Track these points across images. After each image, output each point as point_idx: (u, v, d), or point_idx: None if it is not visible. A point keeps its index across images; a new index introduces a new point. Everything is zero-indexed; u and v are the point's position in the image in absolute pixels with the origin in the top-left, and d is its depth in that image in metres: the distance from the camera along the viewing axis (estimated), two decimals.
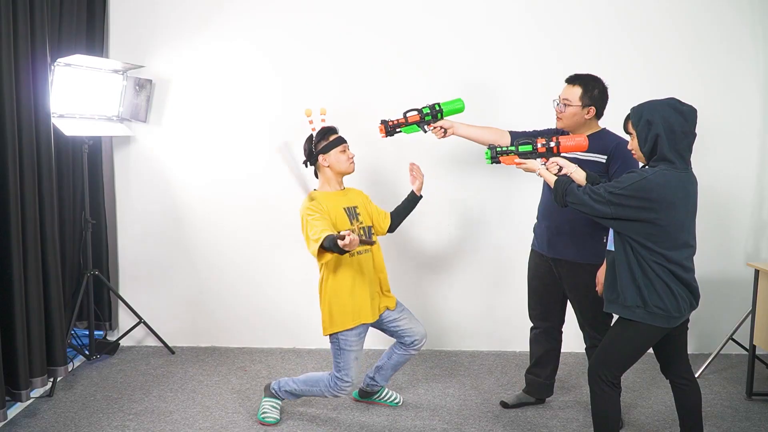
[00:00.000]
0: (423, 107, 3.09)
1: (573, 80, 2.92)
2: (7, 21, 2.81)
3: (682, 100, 2.40)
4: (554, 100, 2.96)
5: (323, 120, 3.06)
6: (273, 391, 3.11)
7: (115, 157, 4.04)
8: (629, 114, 2.47)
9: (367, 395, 3.29)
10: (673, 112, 2.35)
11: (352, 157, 3.03)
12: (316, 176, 3.08)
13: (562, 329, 3.22)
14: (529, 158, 2.75)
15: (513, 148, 2.80)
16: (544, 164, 2.69)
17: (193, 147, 4.01)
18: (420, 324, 3.13)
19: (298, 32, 3.93)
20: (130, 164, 4.03)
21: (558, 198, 2.52)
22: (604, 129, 2.96)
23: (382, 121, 3.09)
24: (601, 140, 2.90)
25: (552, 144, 2.73)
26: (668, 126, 2.34)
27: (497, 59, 3.94)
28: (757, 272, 3.34)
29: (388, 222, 3.18)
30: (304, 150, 3.04)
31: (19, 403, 3.13)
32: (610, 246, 2.51)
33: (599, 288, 2.91)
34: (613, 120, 3.04)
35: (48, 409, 3.17)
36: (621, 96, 2.99)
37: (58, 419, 3.07)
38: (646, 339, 2.45)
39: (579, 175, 2.61)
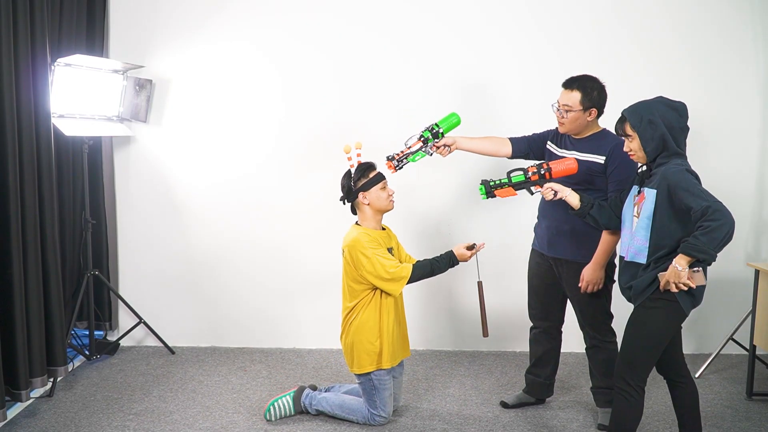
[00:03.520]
0: (423, 131, 3.05)
1: (570, 84, 2.87)
2: (7, 21, 2.81)
3: (672, 98, 2.46)
4: (553, 105, 2.93)
5: (359, 155, 3.01)
6: (302, 404, 3.12)
7: (115, 157, 4.04)
8: (624, 117, 2.48)
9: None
10: (668, 110, 2.41)
11: (392, 194, 3.01)
12: (354, 212, 3.08)
13: (562, 329, 3.22)
14: (522, 188, 2.85)
15: (506, 180, 2.86)
16: (539, 191, 2.79)
17: (194, 147, 4.01)
18: (400, 395, 3.18)
19: (299, 32, 3.93)
20: (130, 164, 4.03)
21: (713, 250, 2.25)
22: (604, 130, 2.95)
23: (387, 157, 3.04)
24: (600, 141, 2.90)
25: (543, 170, 2.79)
26: (668, 123, 2.40)
27: (498, 59, 3.93)
28: (757, 272, 3.34)
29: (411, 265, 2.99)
30: (343, 187, 3.00)
31: (19, 403, 3.13)
32: (626, 253, 2.50)
33: (583, 285, 2.91)
34: (613, 120, 3.03)
35: (48, 409, 3.17)
36: (621, 96, 2.98)
37: (58, 419, 3.07)
38: (670, 326, 2.43)
39: (573, 198, 2.71)
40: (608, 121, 2.96)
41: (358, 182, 2.96)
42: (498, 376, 3.70)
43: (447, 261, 2.97)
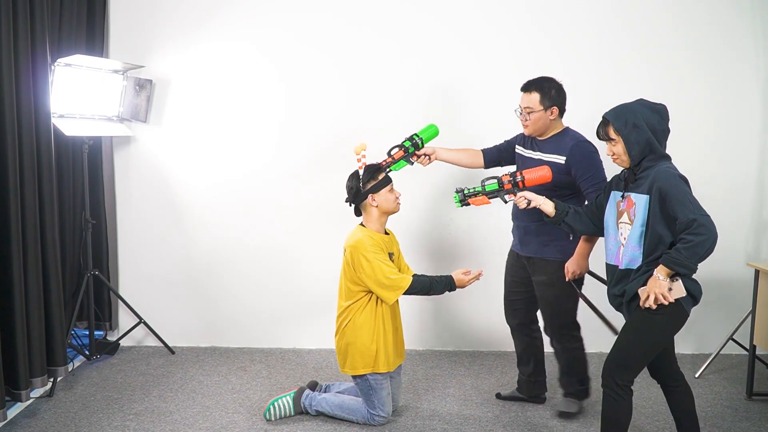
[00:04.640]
0: (404, 141, 3.12)
1: (528, 87, 2.96)
2: (7, 21, 2.81)
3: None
4: (516, 110, 3.00)
5: (363, 156, 3.01)
6: (302, 405, 3.12)
7: (115, 157, 4.04)
8: (607, 120, 2.45)
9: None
10: (651, 113, 2.42)
11: (399, 196, 3.03)
12: (357, 214, 3.08)
13: (537, 328, 3.26)
14: (495, 196, 2.87)
15: (480, 188, 2.90)
16: (512, 199, 2.82)
17: (194, 147, 4.01)
18: (399, 396, 3.18)
19: (299, 32, 3.93)
20: (130, 164, 4.03)
21: (694, 264, 2.29)
22: (566, 129, 3.00)
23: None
24: (560, 141, 2.94)
25: (517, 179, 2.83)
26: (651, 127, 2.40)
27: (499, 61, 3.93)
28: (757, 272, 3.34)
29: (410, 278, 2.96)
30: (351, 188, 3.00)
31: (19, 403, 3.13)
32: (619, 261, 2.49)
33: (569, 275, 2.92)
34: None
35: (48, 409, 3.17)
36: (621, 96, 2.96)
37: (58, 419, 3.07)
38: (674, 330, 2.44)
39: (548, 207, 2.71)
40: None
41: (368, 184, 2.97)
42: (498, 376, 3.70)
43: (445, 284, 2.98)
